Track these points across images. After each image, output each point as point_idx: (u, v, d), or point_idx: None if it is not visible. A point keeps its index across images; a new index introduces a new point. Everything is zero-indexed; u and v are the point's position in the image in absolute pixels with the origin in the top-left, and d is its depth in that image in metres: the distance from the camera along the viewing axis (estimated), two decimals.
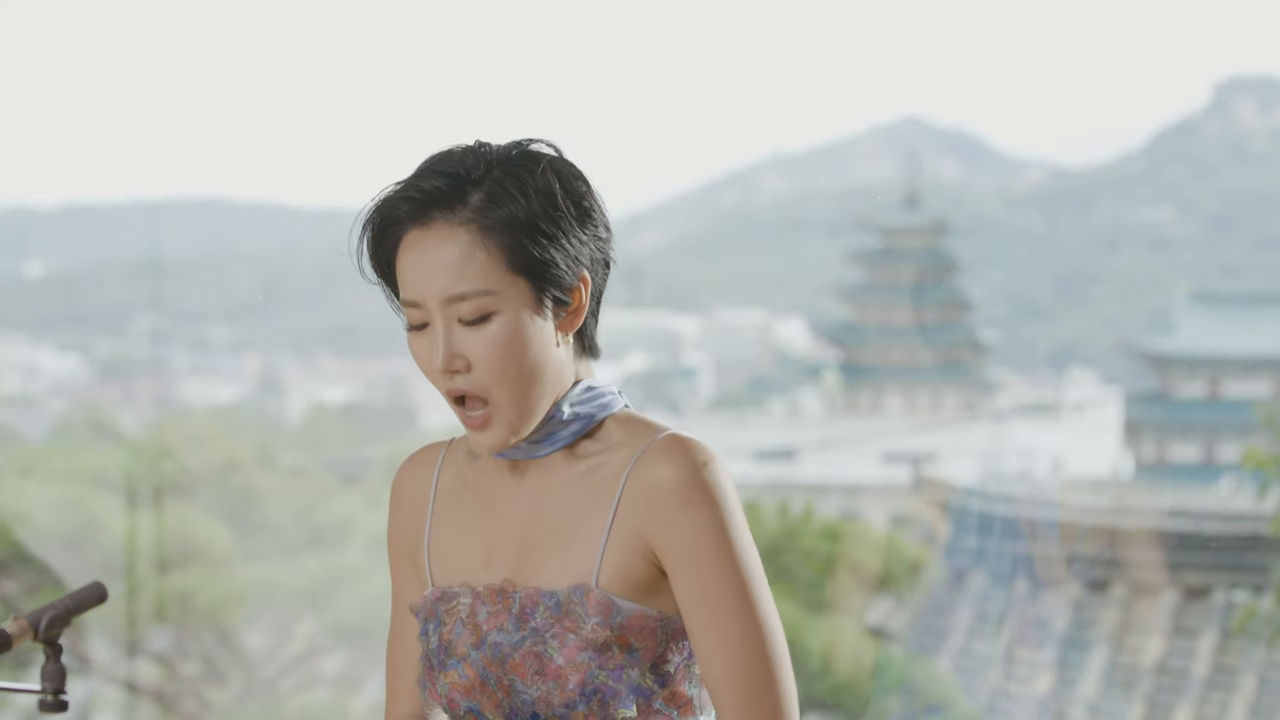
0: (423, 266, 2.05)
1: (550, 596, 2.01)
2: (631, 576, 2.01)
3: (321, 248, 46.49)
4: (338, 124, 58.07)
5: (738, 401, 35.61)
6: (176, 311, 37.60)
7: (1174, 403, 29.08)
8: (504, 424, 2.04)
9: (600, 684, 1.97)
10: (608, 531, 2.01)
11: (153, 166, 50.40)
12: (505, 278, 2.02)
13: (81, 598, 2.07)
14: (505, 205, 2.02)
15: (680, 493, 1.99)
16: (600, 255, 2.09)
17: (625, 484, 2.02)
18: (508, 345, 2.02)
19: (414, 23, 62.95)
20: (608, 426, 2.07)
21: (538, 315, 2.03)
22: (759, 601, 1.99)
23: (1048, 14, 69.33)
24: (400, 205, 2.06)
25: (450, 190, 2.03)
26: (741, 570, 1.99)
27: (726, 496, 2.01)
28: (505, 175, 2.04)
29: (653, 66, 69.44)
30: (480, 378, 2.04)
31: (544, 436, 2.07)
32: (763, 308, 43.14)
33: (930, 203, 38.14)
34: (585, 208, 2.07)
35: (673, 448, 2.01)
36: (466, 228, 2.02)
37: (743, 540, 2.01)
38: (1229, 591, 11.18)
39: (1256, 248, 44.41)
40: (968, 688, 11.47)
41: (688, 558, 1.99)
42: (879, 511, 21.60)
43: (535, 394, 2.04)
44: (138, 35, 62.13)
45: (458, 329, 2.05)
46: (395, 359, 40.26)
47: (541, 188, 2.04)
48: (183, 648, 12.94)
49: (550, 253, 2.02)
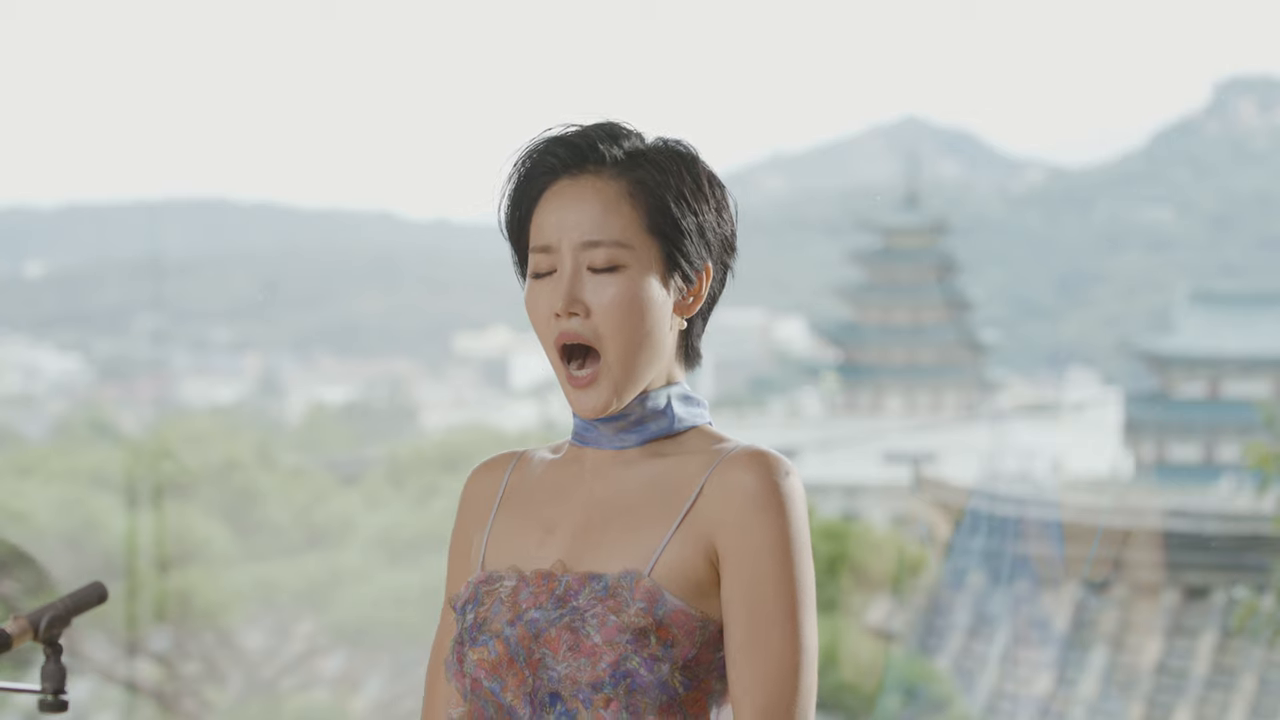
0: (565, 211, 2.09)
1: (598, 580, 2.02)
2: (687, 574, 2.02)
3: (321, 248, 46.52)
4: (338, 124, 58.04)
5: (738, 401, 35.63)
6: (176, 311, 37.62)
7: (1174, 403, 29.10)
8: (609, 383, 2.06)
9: (632, 669, 1.98)
10: (676, 526, 2.03)
11: (153, 166, 50.41)
12: (642, 236, 2.07)
13: (81, 598, 2.07)
14: (657, 170, 2.09)
15: (757, 497, 2.02)
16: (724, 256, 2.14)
17: (705, 484, 2.04)
18: (630, 301, 2.05)
19: (413, 24, 62.93)
20: (690, 436, 2.11)
21: (662, 284, 2.08)
22: (803, 621, 2.01)
23: (1047, 14, 69.33)
24: (557, 151, 2.10)
25: (607, 146, 2.10)
26: (795, 585, 2.01)
27: (798, 512, 2.04)
28: (662, 147, 2.12)
29: (653, 67, 69.42)
30: (597, 326, 2.06)
31: (635, 424, 2.10)
32: (763, 308, 43.16)
33: (930, 203, 38.16)
34: (724, 202, 2.13)
35: (756, 456, 2.04)
36: (617, 182, 2.08)
37: (804, 557, 2.03)
38: (1229, 591, 11.19)
39: (1256, 248, 44.42)
40: (968, 688, 11.48)
41: (748, 561, 2.01)
42: (879, 511, 21.61)
43: (643, 360, 2.07)
44: (137, 35, 62.11)
45: (586, 275, 2.07)
46: (395, 359, 40.31)
47: (692, 168, 2.11)
48: (183, 648, 12.95)
49: (688, 223, 2.08)
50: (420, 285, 40.07)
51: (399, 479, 14.85)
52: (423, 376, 36.37)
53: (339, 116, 58.25)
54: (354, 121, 58.19)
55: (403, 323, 40.14)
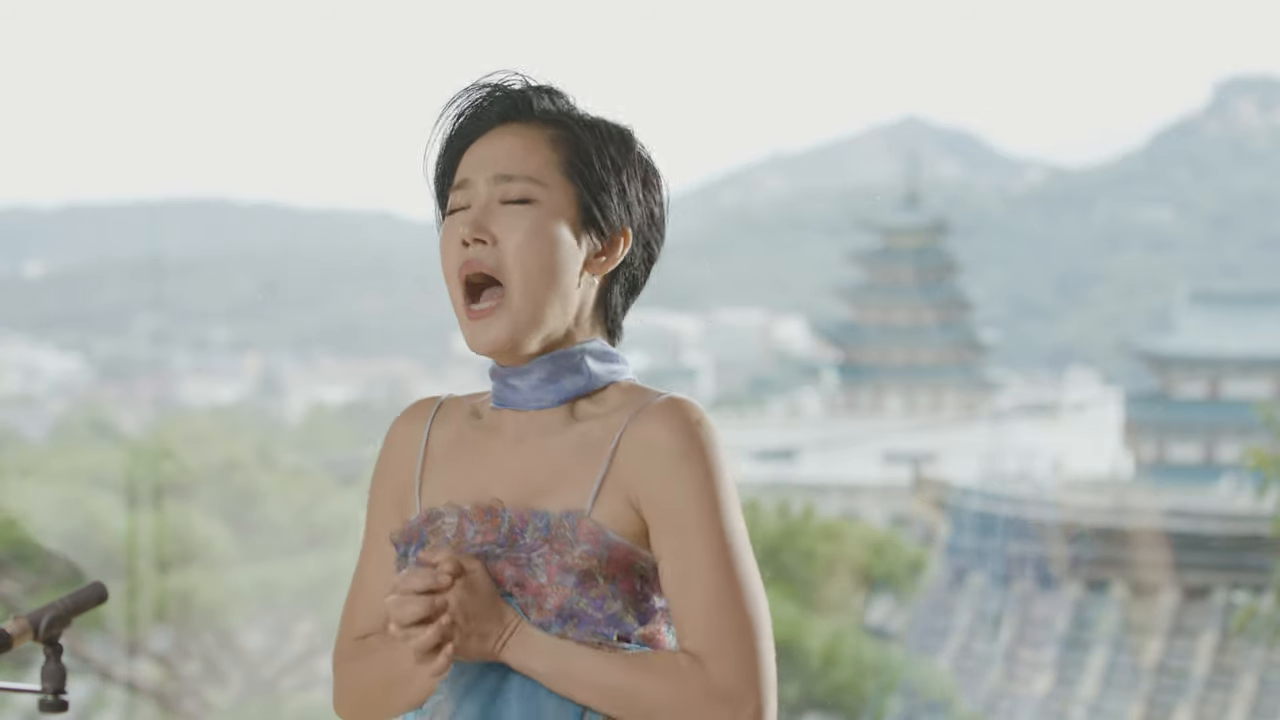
0: (485, 150, 2.10)
1: (541, 517, 2.01)
2: (621, 524, 2.01)
3: (321, 248, 46.53)
4: (338, 124, 58.02)
5: (738, 401, 35.64)
6: (176, 311, 37.64)
7: (1174, 403, 29.11)
8: (508, 316, 2.05)
9: (579, 610, 1.97)
10: (600, 480, 2.01)
11: (153, 166, 50.41)
12: (558, 178, 2.06)
13: (81, 598, 2.07)
14: (586, 129, 2.09)
15: (671, 449, 2.00)
16: (647, 231, 2.12)
17: (620, 439, 2.02)
18: (538, 232, 2.04)
19: (413, 25, 62.88)
20: (610, 392, 2.08)
21: (572, 232, 2.06)
22: (737, 562, 1.98)
23: (1047, 15, 69.28)
24: (496, 103, 2.11)
25: (540, 99, 2.11)
26: (723, 530, 1.98)
27: (715, 458, 2.01)
28: (599, 117, 2.12)
29: (652, 67, 69.38)
30: (501, 255, 2.05)
31: (548, 379, 2.08)
32: (763, 308, 43.18)
33: (930, 203, 38.17)
34: (652, 181, 2.13)
35: (668, 407, 2.02)
36: (541, 130, 2.09)
37: (728, 501, 2.01)
38: (1229, 591, 11.19)
39: (1256, 248, 44.44)
40: (968, 688, 11.48)
41: (671, 514, 1.99)
42: (879, 511, 21.60)
43: (547, 299, 2.05)
44: (137, 35, 62.07)
45: (497, 207, 2.06)
46: (395, 359, 40.31)
47: (624, 140, 2.11)
48: (183, 648, 12.95)
49: (608, 179, 2.08)
50: (420, 285, 40.08)
51: None
52: (422, 376, 36.39)
53: (339, 116, 58.21)
54: (354, 121, 58.15)
55: (402, 323, 40.15)
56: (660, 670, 1.98)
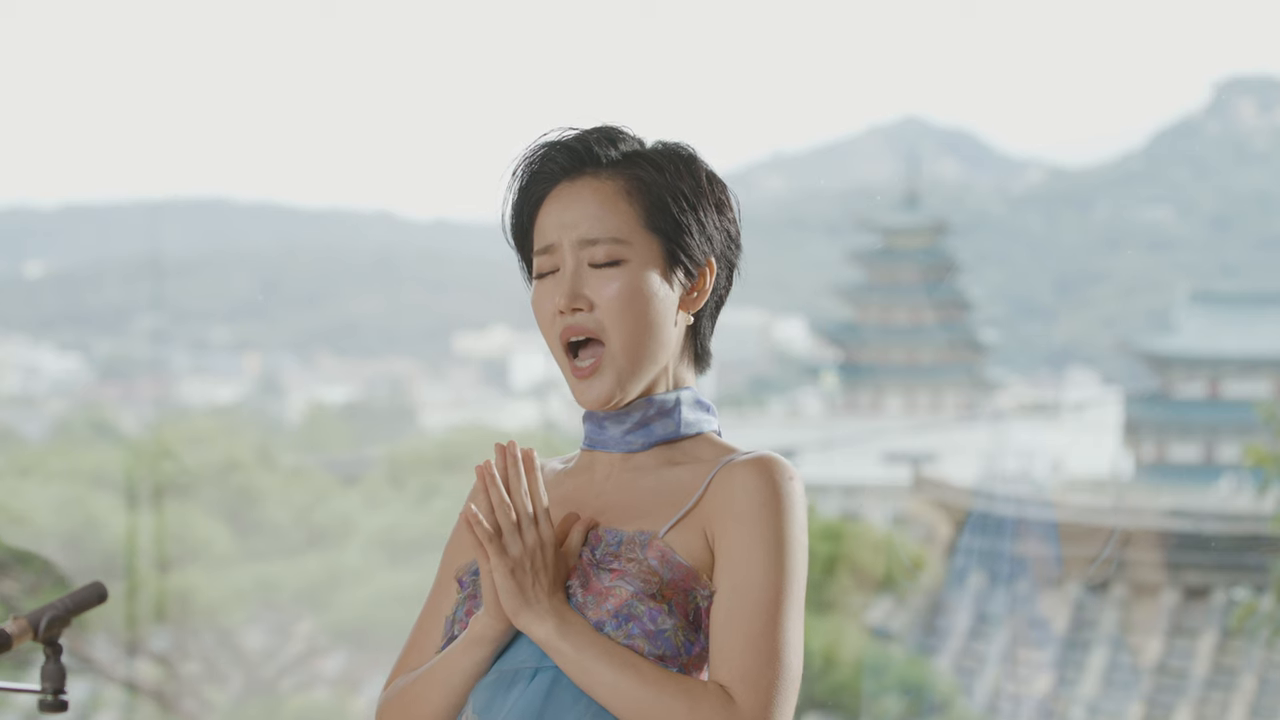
0: (563, 213, 2.12)
1: (614, 534, 2.07)
2: (689, 551, 2.06)
3: (321, 248, 46.51)
4: (338, 124, 58.03)
5: (738, 401, 35.64)
6: (176, 311, 37.61)
7: (1174, 403, 29.09)
8: (612, 372, 2.10)
9: (635, 614, 2.02)
10: (682, 514, 2.07)
11: (153, 166, 50.39)
12: (640, 233, 2.10)
13: (81, 598, 2.07)
14: (654, 169, 2.12)
15: (757, 495, 2.05)
16: (729, 253, 2.17)
17: (710, 484, 2.08)
18: (631, 294, 2.09)
19: (413, 25, 62.90)
20: (700, 441, 2.14)
21: (664, 279, 2.11)
22: (788, 616, 2.04)
23: (1047, 15, 69.31)
24: (555, 157, 2.14)
25: (603, 149, 2.14)
26: (784, 580, 2.04)
27: (797, 515, 2.07)
28: (660, 148, 2.16)
29: (653, 67, 69.43)
30: (600, 318, 2.09)
31: (640, 425, 2.13)
32: (763, 308, 43.16)
33: (930, 203, 38.14)
34: (725, 201, 2.17)
35: (764, 460, 2.08)
36: (614, 181, 2.12)
37: (796, 558, 2.06)
38: (1229, 591, 11.19)
39: (1256, 248, 44.42)
40: (968, 688, 11.48)
41: (740, 548, 2.04)
42: (879, 511, 21.60)
43: (648, 351, 2.10)
44: (137, 35, 62.11)
45: (587, 271, 2.10)
46: (395, 359, 40.30)
47: (690, 166, 2.15)
48: (183, 648, 12.95)
49: (687, 219, 2.11)
50: (420, 285, 40.08)
51: (399, 479, 14.84)
52: (423, 376, 36.38)
53: (339, 116, 58.26)
54: (354, 121, 58.18)
55: (402, 323, 40.14)
56: (683, 691, 2.03)
